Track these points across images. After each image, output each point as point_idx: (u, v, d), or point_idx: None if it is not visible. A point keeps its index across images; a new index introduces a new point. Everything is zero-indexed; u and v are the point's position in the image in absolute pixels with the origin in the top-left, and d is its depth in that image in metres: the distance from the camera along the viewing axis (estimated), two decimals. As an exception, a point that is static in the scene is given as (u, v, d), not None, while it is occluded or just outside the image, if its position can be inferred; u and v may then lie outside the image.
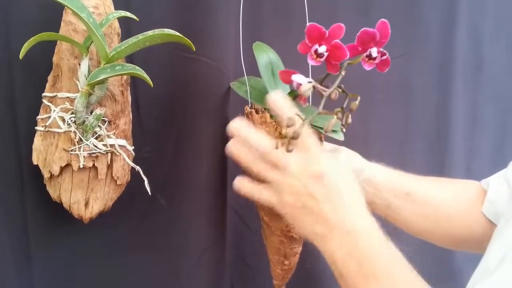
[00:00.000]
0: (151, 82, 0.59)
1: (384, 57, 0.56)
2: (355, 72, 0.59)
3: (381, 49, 0.55)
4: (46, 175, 0.62)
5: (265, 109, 0.65)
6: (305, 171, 0.53)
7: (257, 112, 0.64)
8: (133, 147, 0.67)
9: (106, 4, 0.63)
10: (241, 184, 0.58)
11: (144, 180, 0.65)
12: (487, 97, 1.12)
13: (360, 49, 0.55)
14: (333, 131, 0.63)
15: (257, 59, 0.66)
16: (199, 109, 0.77)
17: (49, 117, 0.61)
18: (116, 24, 0.65)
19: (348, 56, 0.55)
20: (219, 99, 0.78)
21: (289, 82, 0.57)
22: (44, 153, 0.62)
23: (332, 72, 0.57)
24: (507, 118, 1.17)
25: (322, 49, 0.55)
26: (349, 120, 0.58)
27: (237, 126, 0.57)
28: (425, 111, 1.04)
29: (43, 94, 0.62)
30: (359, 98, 0.57)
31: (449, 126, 1.06)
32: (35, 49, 0.58)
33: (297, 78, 0.55)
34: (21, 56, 0.56)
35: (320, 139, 0.65)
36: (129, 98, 0.67)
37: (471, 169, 1.10)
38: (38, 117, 0.62)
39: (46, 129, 0.61)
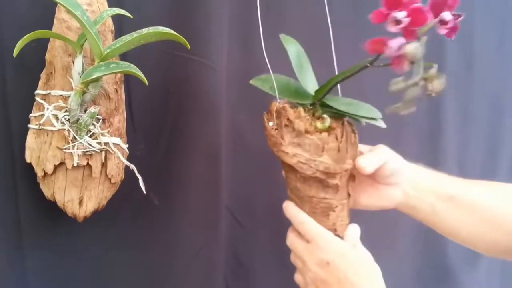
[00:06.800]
0: (146, 80, 0.59)
1: (459, 20, 0.54)
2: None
3: (454, 12, 0.53)
4: (39, 173, 0.61)
5: (297, 103, 0.65)
6: (312, 260, 0.60)
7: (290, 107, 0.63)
8: (127, 145, 0.66)
9: (99, 2, 0.63)
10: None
11: (138, 179, 0.65)
12: (478, 95, 1.12)
13: (432, 15, 0.53)
14: (373, 118, 0.62)
15: (287, 49, 0.66)
16: (191, 108, 0.77)
17: (43, 115, 0.60)
18: (110, 21, 0.64)
19: (431, 19, 0.52)
20: (211, 97, 0.78)
21: (379, 51, 0.54)
22: (38, 151, 0.61)
23: (411, 39, 0.54)
24: (498, 116, 1.18)
25: (402, 14, 0.52)
26: (437, 85, 0.56)
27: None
28: (416, 110, 1.04)
29: (36, 91, 0.62)
30: (436, 65, 0.55)
31: (440, 125, 1.07)
32: (28, 46, 0.57)
33: (398, 41, 0.53)
34: (15, 54, 0.56)
35: (353, 132, 0.64)
36: (123, 96, 0.66)
37: (463, 167, 1.11)
38: (31, 115, 0.62)
39: (40, 127, 0.60)
